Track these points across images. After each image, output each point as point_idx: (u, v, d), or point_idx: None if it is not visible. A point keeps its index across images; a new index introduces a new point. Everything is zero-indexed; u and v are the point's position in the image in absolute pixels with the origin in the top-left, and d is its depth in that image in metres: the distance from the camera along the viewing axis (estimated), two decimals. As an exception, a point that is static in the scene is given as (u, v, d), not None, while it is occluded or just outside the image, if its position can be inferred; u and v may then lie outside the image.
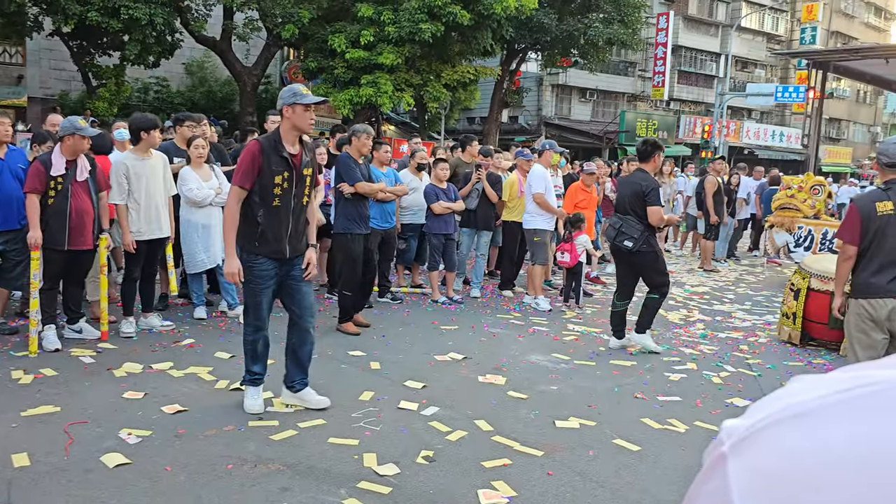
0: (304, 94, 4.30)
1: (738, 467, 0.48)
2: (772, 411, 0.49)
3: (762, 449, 0.48)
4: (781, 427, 0.48)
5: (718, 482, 0.49)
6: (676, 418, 4.72)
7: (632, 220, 6.09)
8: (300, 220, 4.48)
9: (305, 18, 17.14)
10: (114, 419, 4.23)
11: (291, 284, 4.50)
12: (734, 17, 37.37)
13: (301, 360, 4.59)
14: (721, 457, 0.50)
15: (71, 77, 22.56)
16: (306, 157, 4.44)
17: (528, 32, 21.04)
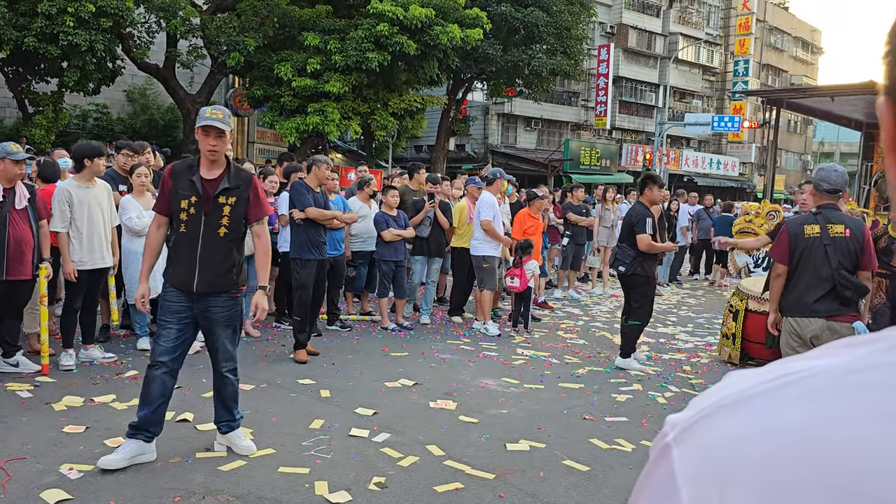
0: (204, 118, 4.00)
1: (682, 455, 0.52)
2: (710, 402, 0.54)
3: (704, 436, 0.52)
4: (719, 415, 0.52)
5: (664, 470, 0.53)
6: (624, 438, 4.81)
7: (626, 247, 6.66)
8: (216, 253, 4.03)
9: (251, 46, 17.09)
10: (54, 454, 4.09)
11: (205, 325, 4.15)
12: (671, 50, 38.68)
13: (224, 402, 4.28)
14: (666, 447, 0.54)
15: (6, 104, 21.96)
16: (228, 185, 4.05)
17: (473, 62, 21.38)
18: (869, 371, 0.49)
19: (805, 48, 51.21)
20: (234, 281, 4.13)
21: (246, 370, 6.02)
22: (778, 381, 0.52)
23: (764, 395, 0.51)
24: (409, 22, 16.61)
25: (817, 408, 0.48)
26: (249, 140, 26.29)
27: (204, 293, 4.03)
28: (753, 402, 0.51)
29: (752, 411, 0.50)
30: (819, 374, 0.51)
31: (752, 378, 0.53)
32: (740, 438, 0.49)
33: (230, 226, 4.07)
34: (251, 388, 5.54)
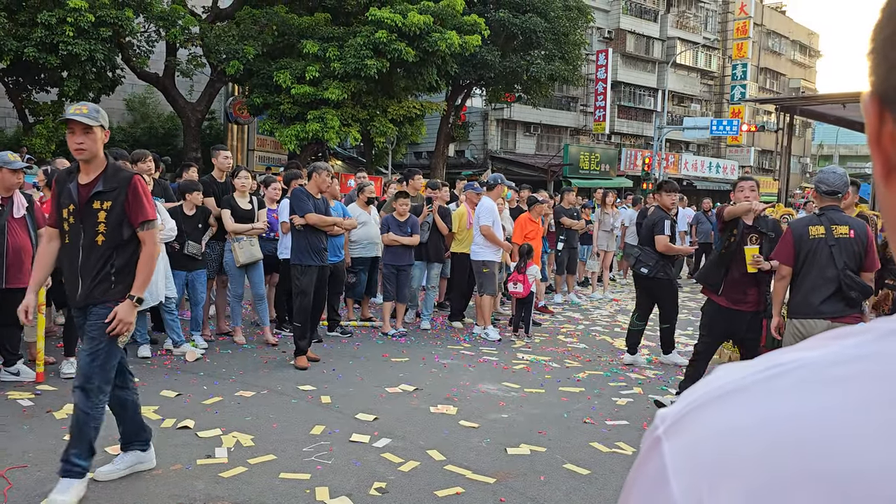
0: (66, 113, 3.64)
1: (672, 448, 0.52)
2: (699, 395, 0.55)
3: (694, 428, 0.52)
4: (709, 407, 0.52)
5: (655, 463, 0.53)
6: (624, 441, 4.81)
7: (649, 250, 6.87)
8: (95, 261, 3.66)
9: (250, 55, 17.15)
10: (55, 462, 4.07)
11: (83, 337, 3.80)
12: (669, 55, 38.75)
13: (70, 430, 3.71)
14: (656, 440, 0.54)
15: (6, 114, 22.04)
16: (103, 187, 3.66)
17: (472, 69, 21.43)
18: (856, 361, 0.49)
19: (803, 51, 51.29)
20: (111, 290, 3.69)
21: (247, 376, 6.04)
22: (767, 373, 0.52)
23: (753, 386, 0.52)
24: (408, 29, 16.66)
25: (806, 399, 0.49)
26: (249, 148, 26.34)
27: (82, 306, 3.70)
28: (743, 394, 0.51)
29: (742, 403, 0.51)
30: (807, 366, 0.51)
31: (742, 370, 0.54)
32: (730, 430, 0.50)
33: (107, 232, 3.67)
34: (252, 394, 5.54)
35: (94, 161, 3.70)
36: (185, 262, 6.88)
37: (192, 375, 6.04)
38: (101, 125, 3.69)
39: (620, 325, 9.28)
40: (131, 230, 3.73)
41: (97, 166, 3.72)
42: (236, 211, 7.11)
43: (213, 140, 22.92)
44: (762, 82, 46.38)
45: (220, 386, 5.75)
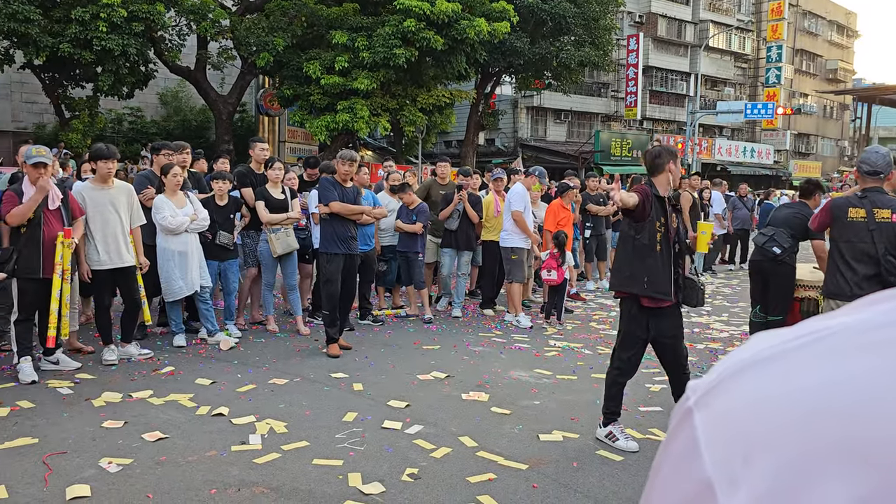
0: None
1: (704, 418, 0.50)
2: (731, 363, 0.52)
3: (726, 398, 0.50)
4: (742, 376, 0.50)
5: (686, 435, 0.51)
6: (658, 428, 4.76)
7: (784, 232, 6.29)
8: None
9: (280, 46, 17.24)
10: (94, 448, 4.18)
11: None
12: (702, 38, 38.12)
13: None
14: (687, 412, 0.52)
15: (43, 109, 22.47)
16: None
17: (501, 56, 21.30)
18: (892, 326, 0.47)
19: (840, 32, 50.07)
20: None
21: (280, 364, 6.10)
22: (802, 340, 0.50)
23: (786, 354, 0.50)
24: (436, 17, 16.60)
25: (842, 365, 0.47)
26: (280, 139, 26.53)
27: None
28: (776, 362, 0.49)
29: (776, 371, 0.49)
30: (842, 332, 0.49)
31: (776, 338, 0.52)
32: (763, 399, 0.48)
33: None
34: (285, 382, 5.59)
35: None
36: (218, 252, 6.95)
37: (226, 364, 6.11)
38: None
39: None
40: None
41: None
42: (270, 201, 7.16)
43: (245, 132, 23.15)
44: (798, 64, 45.43)
45: (253, 374, 5.81)
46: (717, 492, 0.47)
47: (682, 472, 0.50)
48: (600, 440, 4.49)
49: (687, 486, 0.49)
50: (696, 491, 0.48)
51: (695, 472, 0.49)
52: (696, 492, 0.48)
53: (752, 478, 0.45)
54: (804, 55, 46.29)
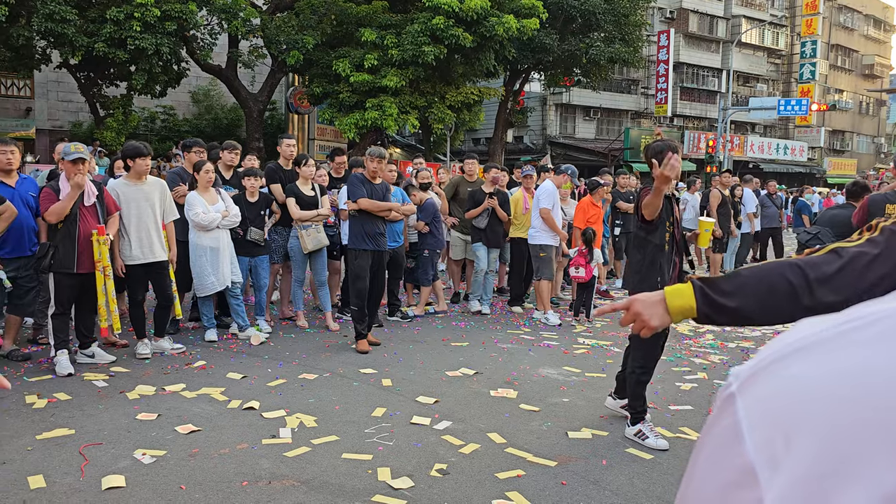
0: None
1: (746, 403, 0.50)
2: (776, 349, 0.52)
3: (769, 383, 0.50)
4: (786, 360, 0.50)
5: (728, 420, 0.51)
6: (688, 426, 4.72)
7: (828, 231, 6.46)
8: None
9: (310, 45, 17.36)
10: (128, 440, 4.25)
11: None
12: (734, 34, 37.60)
13: None
14: (730, 397, 0.52)
15: (79, 108, 22.88)
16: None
17: (530, 53, 21.22)
18: None
19: (877, 26, 49.06)
20: None
21: (309, 360, 6.15)
22: (848, 325, 0.50)
23: (834, 338, 0.49)
24: (465, 14, 16.58)
25: (888, 350, 0.46)
26: (310, 137, 26.70)
27: None
28: (823, 346, 0.49)
29: (821, 355, 0.49)
30: (889, 317, 0.49)
31: (821, 323, 0.52)
32: (807, 384, 0.48)
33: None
34: (315, 377, 5.64)
35: None
36: (249, 248, 7.02)
37: (256, 358, 6.18)
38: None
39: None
40: None
41: None
42: (300, 198, 7.21)
43: (275, 130, 23.36)
44: (833, 60, 44.62)
45: (283, 368, 5.87)
46: (758, 475, 0.47)
47: (724, 457, 0.50)
48: (629, 439, 4.47)
49: (729, 470, 0.49)
50: (738, 475, 0.48)
51: (737, 456, 0.49)
52: (737, 476, 0.48)
53: (793, 460, 0.45)
54: (839, 50, 45.45)
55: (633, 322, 1.82)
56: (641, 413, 4.49)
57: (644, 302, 1.80)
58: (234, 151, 7.57)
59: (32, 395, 5.00)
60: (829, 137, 44.59)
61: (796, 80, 40.46)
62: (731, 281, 1.67)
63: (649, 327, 1.79)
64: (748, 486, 0.47)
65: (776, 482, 0.45)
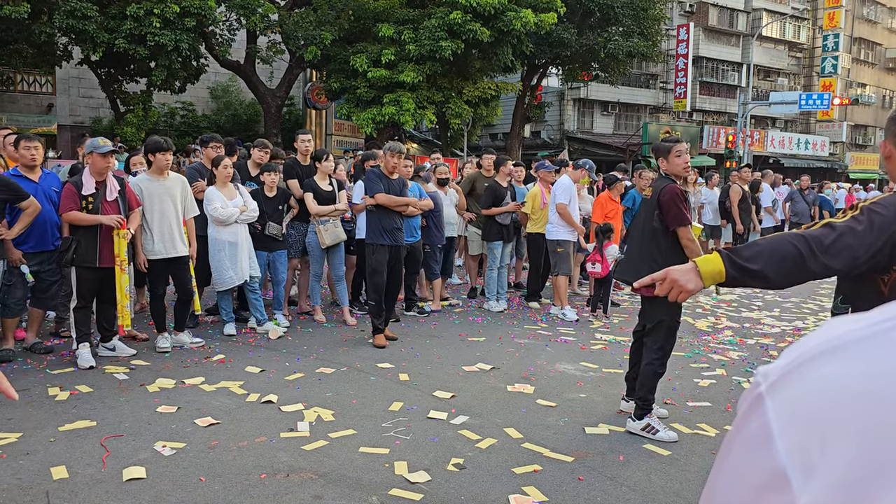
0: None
1: (777, 405, 0.49)
2: (806, 349, 0.51)
3: (801, 383, 0.49)
4: (818, 361, 0.49)
5: (757, 422, 0.50)
6: (707, 423, 4.69)
7: None
8: None
9: (327, 40, 17.40)
10: (149, 432, 4.30)
11: None
12: (755, 27, 37.21)
13: None
14: (758, 398, 0.51)
15: (99, 104, 23.09)
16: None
17: (548, 47, 21.13)
18: None
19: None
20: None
21: (326, 354, 6.18)
22: (886, 325, 0.48)
23: (869, 338, 0.48)
24: (482, 9, 16.55)
25: None
26: (327, 132, 26.80)
27: None
28: (860, 346, 0.48)
29: (859, 355, 0.47)
30: None
31: (856, 322, 0.50)
32: (843, 384, 0.47)
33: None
34: (332, 371, 5.67)
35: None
36: (267, 243, 7.07)
37: (274, 352, 6.22)
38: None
39: (702, 307, 9.05)
40: None
41: None
42: (318, 193, 7.24)
43: (293, 125, 23.44)
44: (856, 53, 43.97)
45: (301, 363, 5.90)
46: (791, 480, 0.46)
47: (753, 460, 0.49)
48: (636, 434, 4.45)
49: (758, 474, 0.48)
50: (769, 479, 0.47)
51: (767, 459, 0.48)
52: (768, 480, 0.47)
53: (829, 464, 0.44)
54: (862, 43, 44.78)
55: (671, 290, 2.23)
56: (649, 406, 4.48)
57: (678, 270, 2.20)
58: (263, 150, 7.64)
59: (55, 388, 5.06)
60: (852, 132, 44.01)
61: (818, 74, 39.97)
62: (751, 248, 2.10)
63: (686, 291, 2.19)
64: (779, 490, 0.46)
65: (811, 487, 0.44)
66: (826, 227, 2.04)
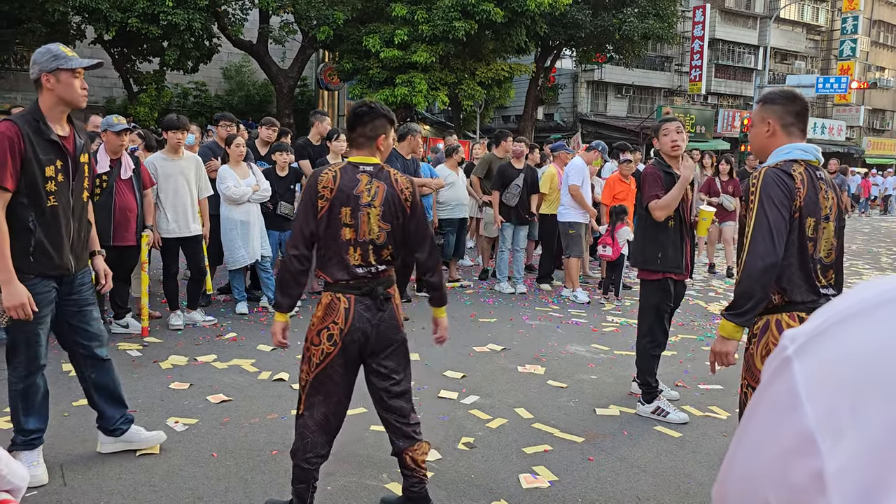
0: (68, 57, 3.24)
1: (805, 368, 0.48)
2: (836, 311, 0.49)
3: (832, 346, 0.48)
4: (848, 323, 0.48)
5: (784, 386, 0.49)
6: (718, 406, 4.68)
7: None
8: (83, 224, 3.47)
9: (340, 20, 17.31)
10: (161, 408, 4.34)
11: (72, 309, 3.46)
12: (772, 9, 36.70)
13: (114, 393, 3.68)
14: (786, 360, 0.50)
15: (112, 84, 23.11)
16: (80, 141, 3.41)
17: (562, 29, 20.94)
18: None
19: (923, 1, 47.50)
20: (90, 251, 3.70)
21: (338, 334, 6.18)
22: None
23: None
24: (496, -12, 16.40)
25: None
26: (340, 113, 26.73)
27: (77, 273, 3.45)
28: (888, 308, 0.46)
29: (887, 317, 0.46)
30: None
31: (885, 284, 0.49)
32: (874, 346, 0.45)
33: (89, 188, 3.54)
34: (343, 350, 5.67)
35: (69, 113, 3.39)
36: (279, 223, 7.08)
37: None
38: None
39: (715, 290, 9.00)
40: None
41: (66, 117, 3.39)
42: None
43: (305, 106, 23.38)
44: (875, 36, 43.35)
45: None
46: (819, 444, 0.44)
47: (779, 425, 0.48)
48: (646, 417, 4.44)
49: (785, 437, 0.47)
50: (796, 443, 0.46)
51: (794, 423, 0.46)
52: (795, 444, 0.46)
53: (860, 428, 0.43)
54: (882, 26, 44.12)
55: (722, 363, 2.87)
56: (655, 389, 4.48)
57: (714, 346, 2.88)
58: (271, 128, 7.64)
59: (69, 364, 5.08)
60: (869, 116, 43.46)
61: (836, 57, 39.44)
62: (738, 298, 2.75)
63: (725, 352, 2.85)
64: (807, 454, 0.45)
65: (840, 451, 0.43)
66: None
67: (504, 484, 3.47)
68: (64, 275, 3.35)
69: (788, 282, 2.72)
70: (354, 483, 3.43)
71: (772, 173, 2.71)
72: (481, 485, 3.45)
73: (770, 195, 2.67)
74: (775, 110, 2.81)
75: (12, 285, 3.09)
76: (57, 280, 3.33)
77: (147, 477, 3.43)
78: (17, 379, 3.33)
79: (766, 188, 2.68)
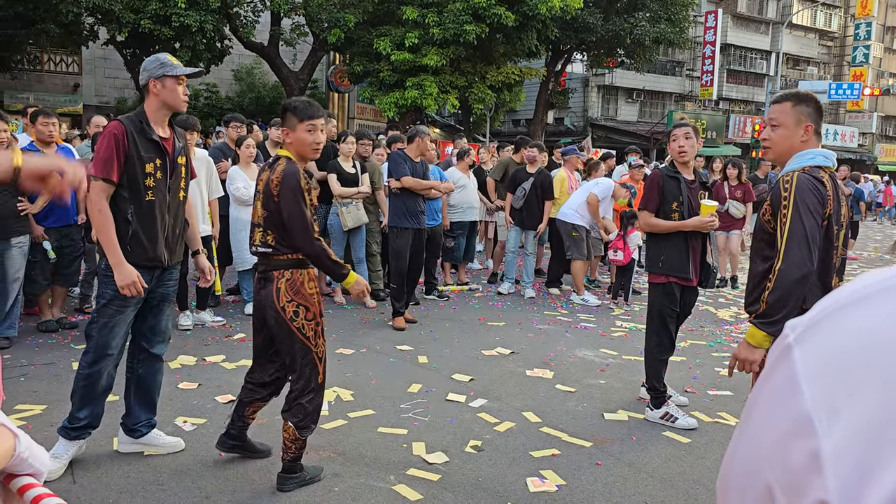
0: (174, 65, 3.53)
1: (804, 354, 0.48)
2: (836, 299, 0.50)
3: (830, 333, 0.48)
4: (846, 311, 0.48)
5: (784, 372, 0.49)
6: (727, 412, 4.65)
7: None
8: (178, 220, 3.69)
9: (351, 23, 17.35)
10: (170, 408, 4.35)
11: (152, 302, 3.66)
12: (785, 14, 36.58)
13: (151, 395, 3.80)
14: (786, 348, 0.50)
15: (124, 85, 23.25)
16: (179, 143, 3.64)
17: (573, 33, 20.93)
18: None
19: (936, 8, 47.21)
20: (187, 248, 4.00)
21: (346, 335, 6.20)
22: None
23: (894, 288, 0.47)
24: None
25: None
26: (350, 116, 26.81)
27: (169, 266, 3.67)
28: (886, 294, 0.47)
29: (885, 303, 0.46)
30: None
31: (882, 273, 0.49)
32: (871, 331, 0.45)
33: (185, 188, 3.75)
34: (352, 352, 5.69)
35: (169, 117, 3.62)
36: (289, 224, 7.08)
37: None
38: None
39: (724, 296, 8.96)
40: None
41: (167, 120, 3.63)
42: (342, 175, 7.23)
43: (316, 108, 23.42)
44: (888, 42, 43.12)
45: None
46: (815, 425, 0.45)
47: (780, 408, 0.48)
48: (654, 422, 4.42)
49: (784, 421, 0.48)
50: (793, 425, 0.46)
51: (793, 407, 0.47)
52: (792, 427, 0.47)
53: (855, 409, 0.43)
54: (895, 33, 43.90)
55: (744, 369, 2.87)
56: (663, 395, 4.46)
57: (738, 352, 2.87)
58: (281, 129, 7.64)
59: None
60: (882, 123, 43.22)
61: (849, 63, 39.21)
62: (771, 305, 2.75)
63: (751, 360, 2.81)
64: (803, 434, 0.45)
65: (835, 431, 0.44)
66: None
67: (511, 488, 3.46)
68: (156, 266, 3.58)
69: (808, 289, 2.69)
70: (361, 484, 3.43)
71: (805, 179, 2.66)
72: (489, 488, 3.45)
73: (805, 201, 2.63)
74: (811, 113, 2.72)
75: (123, 266, 3.35)
76: (149, 272, 3.54)
77: (155, 476, 3.44)
78: (85, 364, 3.54)
79: (801, 194, 2.64)
